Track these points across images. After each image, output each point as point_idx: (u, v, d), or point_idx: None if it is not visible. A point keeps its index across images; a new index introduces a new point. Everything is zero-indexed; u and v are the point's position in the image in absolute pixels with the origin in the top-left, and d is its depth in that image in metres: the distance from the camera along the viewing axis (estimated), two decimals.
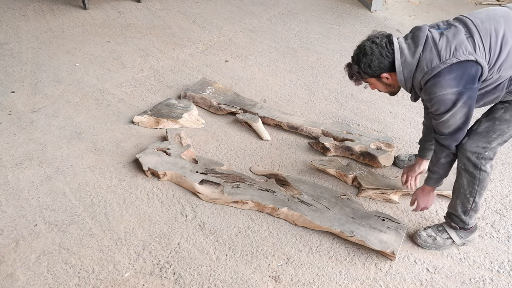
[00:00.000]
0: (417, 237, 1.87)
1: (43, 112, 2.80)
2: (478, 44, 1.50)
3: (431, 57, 1.53)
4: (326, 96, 3.11)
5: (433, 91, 1.55)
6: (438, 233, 1.85)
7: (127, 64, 3.48)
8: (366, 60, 1.64)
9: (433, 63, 1.53)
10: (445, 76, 1.51)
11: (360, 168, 2.27)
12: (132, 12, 4.60)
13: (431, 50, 1.54)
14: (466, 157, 1.65)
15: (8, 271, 1.72)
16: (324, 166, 2.28)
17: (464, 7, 5.09)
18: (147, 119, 2.66)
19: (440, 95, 1.54)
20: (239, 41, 3.98)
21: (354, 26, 4.43)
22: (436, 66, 1.52)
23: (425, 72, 1.55)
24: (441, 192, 2.11)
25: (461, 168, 1.69)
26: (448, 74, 1.51)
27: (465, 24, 1.55)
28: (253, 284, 1.71)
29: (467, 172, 1.67)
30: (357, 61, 1.69)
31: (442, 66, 1.51)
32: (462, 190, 1.72)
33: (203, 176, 2.16)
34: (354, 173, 2.21)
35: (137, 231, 1.93)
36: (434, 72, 1.53)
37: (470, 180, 1.68)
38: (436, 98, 1.56)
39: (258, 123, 2.63)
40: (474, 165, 1.65)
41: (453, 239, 1.83)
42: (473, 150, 1.63)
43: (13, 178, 2.22)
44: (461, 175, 1.71)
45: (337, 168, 2.26)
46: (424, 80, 1.57)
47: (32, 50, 3.66)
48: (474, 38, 1.51)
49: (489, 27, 1.52)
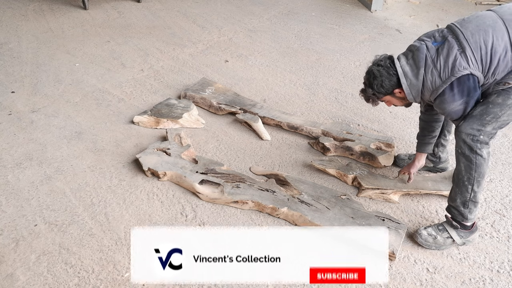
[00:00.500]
0: (417, 236, 1.87)
1: (43, 112, 2.80)
2: (470, 58, 1.66)
3: (433, 78, 1.72)
4: (326, 96, 3.11)
5: (442, 106, 1.76)
6: (438, 232, 1.86)
7: (127, 64, 3.48)
8: (377, 81, 1.83)
9: (436, 84, 1.72)
10: (449, 93, 1.71)
11: (360, 168, 2.27)
12: (132, 12, 4.60)
13: (432, 71, 1.72)
14: (462, 140, 1.73)
15: (8, 271, 1.72)
16: (324, 166, 2.29)
17: (464, 7, 5.09)
18: (147, 119, 2.66)
19: (449, 109, 1.74)
20: (239, 41, 3.99)
21: (354, 26, 4.43)
22: (439, 86, 1.71)
23: (432, 92, 1.75)
24: (441, 192, 2.12)
25: (458, 152, 1.77)
26: (451, 91, 1.70)
27: (457, 38, 1.69)
28: (253, 284, 1.70)
29: (464, 156, 1.74)
30: (369, 84, 1.87)
31: (444, 86, 1.70)
32: (460, 177, 1.78)
33: (203, 176, 2.16)
34: (354, 173, 2.22)
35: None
36: (438, 91, 1.72)
37: (467, 165, 1.74)
38: (447, 111, 1.76)
39: (258, 123, 2.63)
40: (469, 148, 1.71)
41: (453, 239, 1.85)
42: (468, 131, 1.71)
43: (13, 178, 2.22)
44: (459, 160, 1.78)
45: (337, 168, 2.26)
46: (433, 97, 1.77)
47: (32, 50, 3.66)
48: (466, 53, 1.66)
49: (478, 40, 1.66)
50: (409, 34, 4.27)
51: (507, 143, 2.60)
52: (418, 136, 2.14)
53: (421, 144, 2.12)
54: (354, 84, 3.28)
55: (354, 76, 3.40)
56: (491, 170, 2.35)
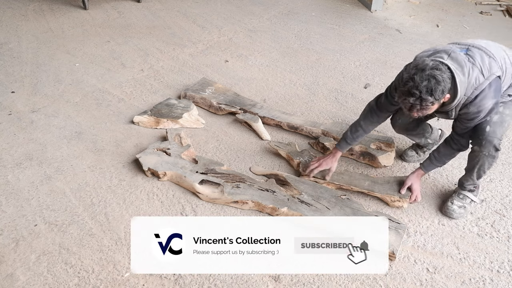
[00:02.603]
0: (451, 212, 2.03)
1: (43, 112, 2.80)
2: (499, 63, 1.79)
3: (476, 75, 1.74)
4: (326, 96, 3.11)
5: (482, 103, 1.76)
6: (463, 201, 2.06)
7: (127, 64, 3.48)
8: (441, 87, 1.64)
9: (479, 80, 1.74)
10: (490, 89, 1.76)
11: (310, 156, 2.33)
12: (132, 12, 4.60)
13: (474, 69, 1.74)
14: (493, 145, 1.84)
15: (8, 271, 1.73)
16: (278, 147, 2.40)
17: (464, 7, 5.10)
18: (147, 119, 2.66)
19: (487, 106, 1.77)
20: (239, 41, 3.99)
21: (354, 26, 4.43)
22: (483, 82, 1.74)
23: (475, 88, 1.75)
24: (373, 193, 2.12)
25: (485, 155, 1.87)
26: (490, 88, 1.75)
27: (478, 48, 1.79)
28: (253, 284, 1.71)
29: (490, 156, 1.88)
30: (429, 92, 1.64)
31: (487, 82, 1.75)
32: (482, 168, 1.94)
33: (203, 176, 2.16)
34: (300, 159, 2.30)
35: None
36: (481, 87, 1.75)
37: (491, 161, 1.91)
38: (483, 108, 1.78)
39: (258, 123, 2.63)
40: (496, 149, 1.86)
41: (473, 200, 2.08)
42: (498, 137, 1.84)
43: (13, 178, 2.22)
44: (484, 159, 1.90)
45: (288, 152, 2.36)
46: (474, 95, 1.76)
47: (32, 50, 3.66)
48: (495, 59, 1.77)
49: (495, 51, 1.81)
50: (409, 34, 4.28)
51: (507, 143, 2.60)
52: (348, 134, 2.14)
53: (345, 143, 2.16)
54: (354, 84, 3.28)
55: (354, 76, 3.40)
56: (491, 170, 2.35)
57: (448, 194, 2.17)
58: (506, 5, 5.09)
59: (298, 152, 2.38)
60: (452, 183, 2.26)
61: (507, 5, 5.09)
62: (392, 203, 2.08)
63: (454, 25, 4.55)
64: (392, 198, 2.07)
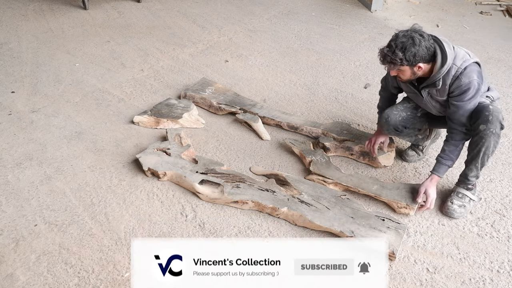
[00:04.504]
0: (452, 212, 2.03)
1: (43, 112, 2.80)
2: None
3: (463, 53, 1.87)
4: (326, 96, 3.11)
5: (471, 74, 1.85)
6: (463, 200, 2.05)
7: (127, 64, 3.48)
8: (414, 50, 1.79)
9: (466, 57, 1.87)
10: (475, 66, 1.87)
11: (323, 156, 2.34)
12: (132, 12, 4.60)
13: (461, 49, 1.89)
14: (499, 120, 1.87)
15: (8, 271, 1.73)
16: (292, 144, 2.45)
17: (464, 7, 5.09)
18: (147, 119, 2.66)
19: (475, 79, 1.85)
20: (239, 41, 3.99)
21: (354, 26, 4.43)
22: (469, 59, 1.87)
23: (464, 61, 1.85)
24: (380, 198, 2.10)
25: (492, 132, 1.86)
26: (475, 65, 1.88)
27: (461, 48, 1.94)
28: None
29: (496, 134, 1.87)
30: (402, 48, 1.80)
31: (472, 60, 1.87)
32: (487, 152, 1.91)
33: (203, 176, 2.16)
34: (312, 158, 2.31)
35: (137, 231, 1.93)
36: (469, 61, 1.86)
37: (496, 142, 1.90)
38: (472, 79, 1.84)
39: (258, 123, 2.63)
40: (501, 126, 1.89)
41: (471, 198, 2.07)
42: (500, 111, 1.90)
43: (13, 178, 2.22)
44: (490, 140, 1.88)
45: (302, 150, 2.40)
46: (463, 66, 1.85)
47: (32, 50, 3.66)
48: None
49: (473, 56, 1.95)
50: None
51: (507, 143, 2.59)
52: (381, 112, 2.27)
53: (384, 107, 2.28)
54: (354, 84, 3.28)
55: (354, 76, 3.40)
56: (491, 170, 2.35)
57: (448, 194, 2.17)
58: (506, 5, 5.08)
59: (312, 151, 2.40)
60: (452, 183, 2.25)
61: (507, 5, 5.09)
62: (398, 210, 2.05)
63: (454, 25, 4.55)
64: (399, 204, 2.04)
